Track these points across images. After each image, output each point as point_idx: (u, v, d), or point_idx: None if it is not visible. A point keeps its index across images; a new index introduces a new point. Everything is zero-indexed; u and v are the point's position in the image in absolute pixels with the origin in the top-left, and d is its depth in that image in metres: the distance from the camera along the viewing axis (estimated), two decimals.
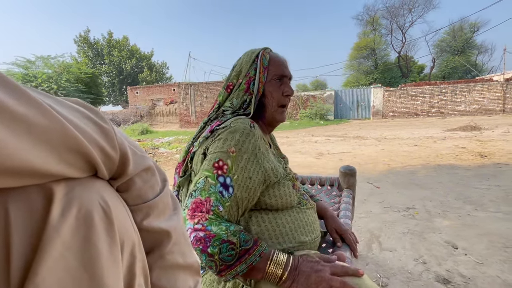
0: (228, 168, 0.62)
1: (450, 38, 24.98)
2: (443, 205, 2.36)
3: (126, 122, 16.31)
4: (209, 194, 0.59)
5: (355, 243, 0.90)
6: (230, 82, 0.80)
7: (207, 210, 0.57)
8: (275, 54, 0.81)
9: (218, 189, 0.60)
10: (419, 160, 4.18)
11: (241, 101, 0.77)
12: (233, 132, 0.65)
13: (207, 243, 0.54)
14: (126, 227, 0.26)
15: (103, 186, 0.26)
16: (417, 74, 25.84)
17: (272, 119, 0.79)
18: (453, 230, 1.90)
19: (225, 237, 0.55)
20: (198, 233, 0.55)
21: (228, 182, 0.61)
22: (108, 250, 0.23)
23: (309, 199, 0.82)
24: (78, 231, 0.21)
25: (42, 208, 0.20)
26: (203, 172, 0.62)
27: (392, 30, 26.09)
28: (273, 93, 0.77)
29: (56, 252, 0.20)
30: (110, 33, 28.55)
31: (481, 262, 1.50)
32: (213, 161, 0.62)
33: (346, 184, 1.47)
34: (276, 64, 0.79)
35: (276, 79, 0.78)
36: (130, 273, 0.27)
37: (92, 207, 0.23)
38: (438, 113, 13.91)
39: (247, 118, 0.71)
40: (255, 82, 0.76)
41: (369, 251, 1.69)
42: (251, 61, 0.78)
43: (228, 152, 0.63)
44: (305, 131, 10.35)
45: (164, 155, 5.85)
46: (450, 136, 6.67)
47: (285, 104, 0.80)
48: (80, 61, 23.98)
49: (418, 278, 1.40)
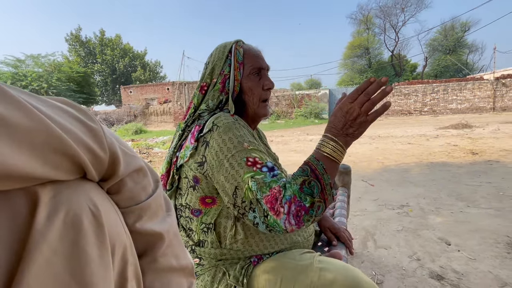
0: (259, 158, 0.60)
1: (442, 37, 25.35)
2: (436, 202, 2.39)
3: (119, 121, 16.11)
4: (269, 185, 0.56)
5: (350, 240, 0.90)
6: (204, 83, 0.74)
7: (279, 192, 0.55)
8: (248, 46, 0.76)
9: (269, 176, 0.58)
10: (413, 158, 4.23)
11: (217, 101, 0.72)
12: (229, 130, 0.62)
13: (300, 204, 0.53)
14: (117, 231, 0.26)
15: (93, 188, 0.25)
16: (410, 73, 26.17)
17: (254, 115, 0.75)
18: (446, 227, 1.92)
19: (296, 186, 0.55)
20: (291, 211, 0.53)
21: (270, 165, 0.60)
22: (98, 255, 0.22)
23: None
24: (66, 236, 0.20)
25: (27, 213, 0.20)
26: (245, 177, 0.58)
27: (385, 29, 26.35)
28: (252, 89, 0.72)
29: (42, 258, 0.19)
30: (102, 32, 28.13)
31: (473, 258, 1.52)
32: (243, 163, 0.59)
33: (341, 182, 1.47)
34: (252, 57, 0.73)
35: (254, 73, 0.73)
36: (122, 277, 0.26)
37: (81, 211, 0.22)
38: (431, 111, 14.12)
39: (226, 113, 0.68)
40: (230, 80, 0.71)
41: (364, 249, 1.71)
42: (224, 58, 0.72)
43: (245, 148, 0.61)
44: (300, 130, 10.39)
45: (158, 155, 5.80)
46: (442, 134, 6.77)
47: (267, 98, 0.76)
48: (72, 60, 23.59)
49: (413, 274, 1.41)
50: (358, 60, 26.76)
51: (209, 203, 0.66)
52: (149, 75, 28.90)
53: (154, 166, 4.77)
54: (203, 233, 0.68)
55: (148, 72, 29.04)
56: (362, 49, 26.06)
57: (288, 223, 0.53)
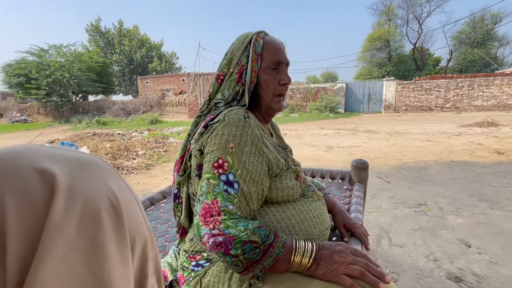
0: (229, 165, 0.59)
1: (470, 29, 23.84)
2: (457, 202, 2.30)
3: (136, 111, 16.50)
4: (215, 196, 0.57)
5: (365, 235, 0.88)
6: (220, 72, 0.73)
7: (217, 212, 0.55)
8: (270, 38, 0.73)
9: (222, 188, 0.57)
10: (432, 156, 4.07)
11: (233, 92, 0.71)
12: (228, 126, 0.62)
13: (228, 246, 0.53)
14: (138, 223, 0.24)
15: (110, 173, 0.24)
16: (433, 67, 24.90)
17: (268, 109, 0.74)
18: (466, 228, 1.85)
19: (246, 238, 0.54)
20: (216, 238, 0.54)
21: (232, 179, 0.58)
22: (117, 250, 0.21)
23: (315, 191, 0.79)
24: (83, 229, 0.19)
25: (44, 201, 0.18)
26: (205, 175, 0.60)
27: (408, 21, 25.07)
28: (268, 83, 0.70)
29: (58, 252, 0.17)
30: (121, 22, 28.58)
31: (495, 262, 1.46)
32: (212, 162, 0.60)
33: (357, 178, 1.44)
34: (271, 50, 0.71)
35: (272, 67, 0.70)
36: (142, 274, 0.25)
37: (99, 201, 0.20)
38: (453, 108, 13.45)
39: (241, 109, 0.66)
40: (247, 72, 0.69)
41: (378, 246, 1.67)
42: (243, 48, 0.71)
43: (226, 149, 0.60)
44: (314, 123, 10.23)
45: (173, 145, 5.91)
46: (466, 132, 6.45)
47: (282, 94, 0.73)
48: (92, 50, 24.23)
49: (429, 275, 1.37)
50: (378, 53, 25.74)
51: None
52: (165, 66, 29.23)
53: (169, 156, 4.87)
54: None
55: (164, 63, 29.36)
56: (382, 41, 25.00)
57: (207, 239, 0.55)
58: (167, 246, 0.94)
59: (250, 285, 0.60)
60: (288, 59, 0.74)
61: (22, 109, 18.85)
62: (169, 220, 1.09)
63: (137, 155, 4.79)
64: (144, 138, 6.54)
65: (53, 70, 15.38)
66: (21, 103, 19.13)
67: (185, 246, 0.73)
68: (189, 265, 0.68)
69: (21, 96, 17.08)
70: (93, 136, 6.94)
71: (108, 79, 19.67)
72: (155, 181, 3.46)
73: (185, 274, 0.68)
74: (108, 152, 4.66)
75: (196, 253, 0.69)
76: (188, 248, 0.71)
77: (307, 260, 0.56)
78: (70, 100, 17.10)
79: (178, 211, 0.78)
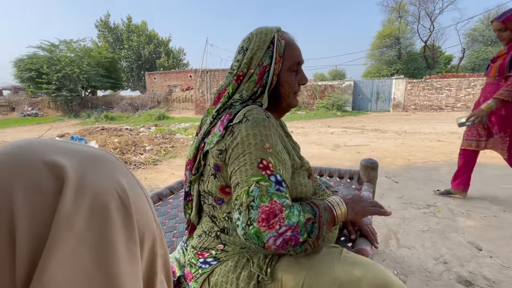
0: (273, 165, 0.60)
1: (484, 26, 23.12)
2: (467, 204, 2.25)
3: (143, 107, 16.64)
4: (270, 197, 0.56)
5: (373, 234, 0.87)
6: (240, 72, 0.71)
7: (280, 210, 0.56)
8: (289, 38, 0.73)
9: (275, 188, 0.58)
10: (442, 156, 3.99)
11: (251, 93, 0.70)
12: (256, 126, 0.61)
13: (297, 236, 0.56)
14: (147, 219, 0.24)
15: (119, 167, 0.23)
16: (444, 66, 24.30)
17: (287, 107, 0.76)
18: (477, 231, 1.81)
19: (303, 219, 0.57)
20: (285, 235, 0.55)
21: (280, 179, 0.59)
22: (125, 246, 0.20)
23: (325, 190, 0.79)
24: (92, 224, 0.19)
25: (53, 194, 0.18)
26: (251, 179, 0.58)
27: (420, 18, 24.46)
28: (290, 83, 0.71)
29: (67, 246, 0.17)
30: (130, 18, 28.76)
31: (507, 266, 1.42)
32: (255, 163, 0.59)
33: (366, 177, 1.42)
34: (293, 51, 0.71)
35: (293, 69, 0.71)
36: (150, 271, 0.24)
37: (108, 196, 0.20)
38: (465, 108, 13.13)
39: (259, 108, 0.66)
40: (269, 73, 0.69)
41: (386, 247, 1.65)
42: (265, 48, 0.68)
43: (264, 149, 0.60)
44: (321, 122, 10.14)
45: (180, 140, 5.95)
46: None
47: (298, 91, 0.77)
48: (101, 45, 24.48)
49: (438, 278, 1.35)
50: (387, 50, 25.23)
51: (228, 193, 0.66)
52: (172, 62, 29.34)
53: (176, 152, 4.91)
54: (225, 221, 0.68)
55: (171, 59, 29.46)
56: (392, 39, 24.48)
57: (273, 241, 0.55)
58: (175, 242, 0.95)
59: (258, 282, 0.60)
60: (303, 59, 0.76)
61: (33, 103, 19.25)
62: (177, 215, 1.09)
63: (145, 150, 4.84)
64: (152, 134, 6.60)
65: (63, 65, 15.61)
66: (32, 97, 19.53)
67: (193, 242, 0.73)
68: (196, 261, 0.68)
69: (32, 90, 17.42)
70: (102, 130, 7.04)
71: (116, 75, 19.87)
72: (162, 176, 3.49)
73: (192, 271, 0.69)
74: (116, 147, 4.72)
75: (204, 250, 0.69)
76: (196, 245, 0.71)
77: (345, 208, 0.67)
78: (79, 95, 17.36)
79: (188, 208, 0.78)
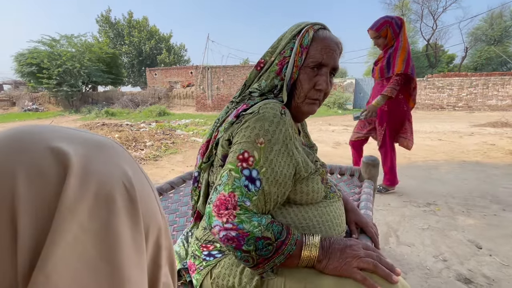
0: (254, 160, 0.56)
1: (487, 26, 22.98)
2: (467, 203, 2.25)
3: (144, 103, 16.62)
4: (233, 189, 0.55)
5: (376, 235, 0.87)
6: (262, 59, 0.68)
7: (233, 206, 0.54)
8: (324, 34, 0.65)
9: (243, 183, 0.55)
10: (443, 155, 3.98)
11: (271, 84, 0.66)
12: (261, 120, 0.58)
13: (240, 241, 0.53)
14: (152, 211, 0.23)
15: (125, 157, 0.23)
16: (446, 65, 24.19)
17: (297, 110, 0.68)
18: (477, 229, 1.81)
19: (260, 234, 0.53)
20: (229, 232, 0.53)
21: (255, 175, 0.56)
22: (130, 237, 0.20)
23: (336, 191, 0.77)
24: (97, 213, 0.18)
25: (56, 182, 0.18)
26: (227, 165, 0.58)
27: (423, 16, 24.29)
28: (303, 83, 0.64)
29: (71, 235, 0.17)
30: (131, 14, 28.62)
31: (507, 264, 1.43)
32: (237, 153, 0.57)
33: (367, 175, 1.41)
34: (320, 47, 0.63)
35: (313, 66, 0.63)
36: (155, 263, 0.24)
37: (113, 184, 0.20)
38: (466, 107, 13.09)
39: (278, 103, 0.62)
40: (288, 65, 0.64)
41: (386, 244, 1.65)
42: (290, 37, 0.65)
43: (255, 143, 0.57)
44: (322, 119, 10.12)
45: (181, 137, 5.95)
46: (478, 131, 6.28)
47: (317, 98, 0.66)
48: (102, 41, 24.38)
49: (438, 275, 1.35)
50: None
51: None
52: (173, 58, 29.24)
53: (176, 148, 4.90)
54: None
55: (173, 55, 29.36)
56: None
57: (218, 230, 0.54)
58: (175, 236, 0.95)
59: (262, 277, 0.60)
60: (336, 63, 0.66)
61: (34, 98, 19.23)
62: (177, 210, 1.10)
63: (145, 146, 4.84)
64: (152, 130, 6.60)
65: (64, 60, 15.56)
66: (33, 92, 19.50)
67: (197, 233, 0.72)
68: (200, 254, 0.68)
69: (32, 85, 17.40)
70: (102, 126, 7.04)
71: (117, 70, 19.82)
72: (163, 172, 3.50)
73: (196, 263, 0.68)
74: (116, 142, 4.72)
75: (209, 243, 0.68)
76: (200, 237, 0.70)
77: (316, 253, 0.56)
78: (80, 90, 17.33)
79: (195, 194, 0.77)
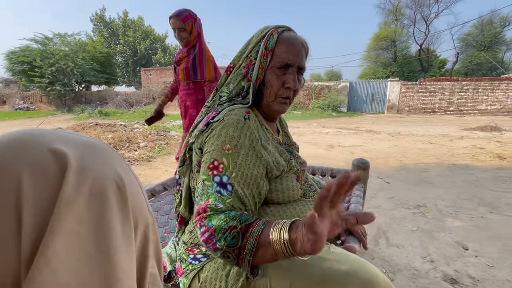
0: (224, 166, 0.58)
1: (478, 32, 23.55)
2: (456, 205, 2.30)
3: (138, 103, 16.48)
4: (208, 197, 0.57)
5: (364, 235, 0.88)
6: (231, 63, 0.70)
7: (204, 210, 0.55)
8: (288, 35, 0.66)
9: (215, 189, 0.57)
10: (433, 158, 4.06)
11: (238, 87, 0.68)
12: (226, 127, 0.60)
13: (213, 240, 0.52)
14: (140, 206, 0.25)
15: (117, 158, 0.25)
16: (438, 69, 24.67)
17: (268, 109, 0.69)
18: (464, 231, 1.85)
19: (225, 225, 0.52)
20: (204, 235, 0.53)
21: (225, 181, 0.57)
22: (121, 229, 0.22)
23: (317, 190, 0.78)
24: (92, 206, 0.20)
25: (56, 177, 0.20)
26: (201, 177, 0.60)
27: (415, 21, 24.77)
28: (272, 83, 0.65)
29: (69, 225, 0.19)
30: (126, 13, 28.39)
31: (491, 265, 1.47)
32: (208, 163, 0.59)
33: None
34: (284, 48, 0.64)
35: (279, 66, 0.65)
36: (143, 255, 0.26)
37: (107, 181, 0.22)
38: (457, 111, 13.36)
39: (242, 108, 0.64)
40: (254, 67, 0.65)
41: (375, 246, 1.68)
42: (256, 41, 0.66)
43: (223, 150, 0.59)
44: (316, 122, 10.20)
45: (175, 137, 5.92)
46: (468, 135, 6.42)
47: (288, 97, 0.68)
48: (96, 40, 24.12)
49: (425, 276, 1.38)
50: (383, 53, 25.50)
51: None
52: (169, 58, 29.06)
53: (170, 149, 4.88)
54: None
55: (168, 56, 29.20)
56: (388, 41, 24.74)
57: (201, 237, 0.55)
58: (166, 237, 0.95)
59: (247, 278, 0.61)
60: (302, 63, 0.67)
61: (25, 97, 18.87)
62: (169, 212, 1.10)
63: (139, 146, 4.80)
64: (146, 130, 6.54)
65: (57, 59, 15.32)
66: (24, 90, 19.14)
67: (184, 237, 0.73)
68: (187, 257, 0.69)
69: (24, 83, 17.07)
70: (96, 126, 6.95)
71: (111, 70, 19.61)
72: (156, 173, 3.48)
73: (183, 266, 0.69)
74: (110, 143, 4.67)
75: (194, 246, 0.69)
76: (187, 240, 0.71)
77: (285, 231, 0.47)
78: (73, 90, 17.09)
79: (177, 197, 0.78)
